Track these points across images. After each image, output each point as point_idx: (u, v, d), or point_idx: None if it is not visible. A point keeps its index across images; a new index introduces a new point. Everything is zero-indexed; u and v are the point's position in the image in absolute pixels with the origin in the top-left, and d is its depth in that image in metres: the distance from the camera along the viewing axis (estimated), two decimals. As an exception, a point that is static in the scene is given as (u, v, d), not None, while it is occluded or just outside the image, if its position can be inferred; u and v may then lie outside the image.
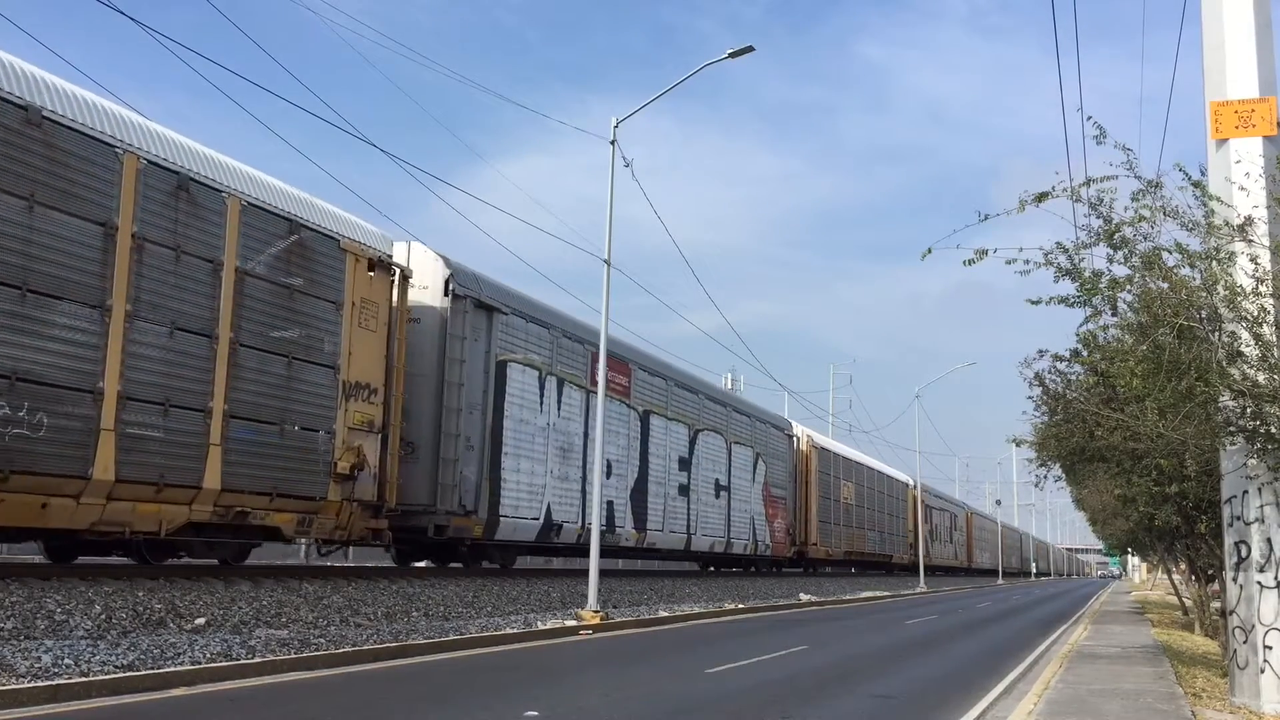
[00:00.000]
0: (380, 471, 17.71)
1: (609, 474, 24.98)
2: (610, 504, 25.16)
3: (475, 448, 20.29)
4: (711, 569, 37.68)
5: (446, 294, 19.89)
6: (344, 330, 16.84)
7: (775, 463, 38.80)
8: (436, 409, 19.63)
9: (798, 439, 43.01)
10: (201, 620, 12.91)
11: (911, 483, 63.14)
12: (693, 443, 30.87)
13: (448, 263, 20.07)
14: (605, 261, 21.13)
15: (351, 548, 25.91)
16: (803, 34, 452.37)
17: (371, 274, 17.62)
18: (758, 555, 36.98)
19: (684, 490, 30.02)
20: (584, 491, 24.06)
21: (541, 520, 22.69)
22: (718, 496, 32.67)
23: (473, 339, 20.34)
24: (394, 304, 18.41)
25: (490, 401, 20.79)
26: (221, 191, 14.77)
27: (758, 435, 37.17)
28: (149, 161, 13.63)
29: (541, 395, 22.88)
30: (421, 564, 23.03)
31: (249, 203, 15.20)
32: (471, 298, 20.33)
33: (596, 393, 21.85)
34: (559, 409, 23.62)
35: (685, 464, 30.27)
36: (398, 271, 18.52)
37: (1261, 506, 10.32)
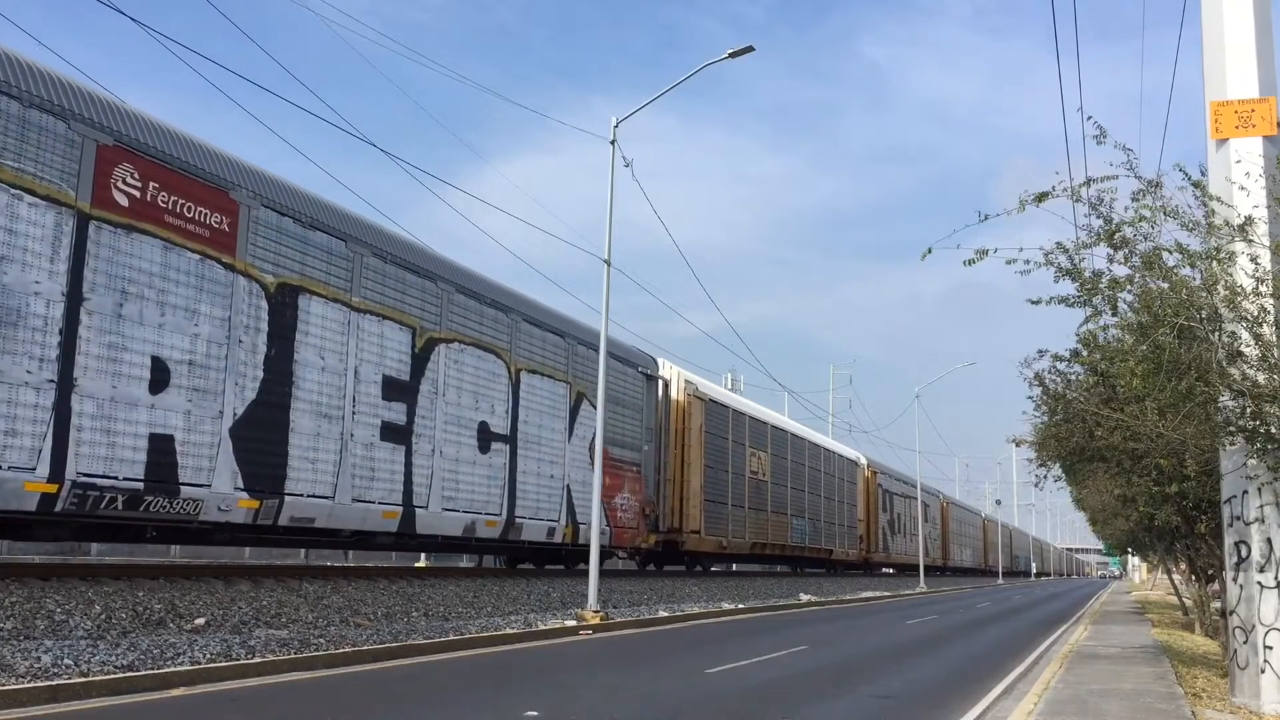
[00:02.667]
0: None
1: (162, 385, 14.07)
2: (162, 442, 13.99)
3: None
4: (527, 565, 26.31)
5: None
6: None
7: (621, 412, 26.67)
8: None
9: (666, 383, 30.34)
10: (201, 620, 12.91)
11: (863, 461, 53.83)
12: (423, 358, 19.27)
13: None
14: (605, 261, 21.14)
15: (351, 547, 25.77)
16: (805, 33, 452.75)
17: None
18: (580, 544, 24.17)
19: (399, 433, 18.47)
20: (58, 409, 12.75)
21: None
22: (485, 450, 20.84)
23: None
24: None
25: None
26: None
27: (582, 367, 24.93)
28: None
29: None
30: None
31: None
32: None
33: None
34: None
35: (405, 391, 18.69)
36: None
37: (1261, 506, 10.31)
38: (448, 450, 19.86)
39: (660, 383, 29.81)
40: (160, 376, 14.13)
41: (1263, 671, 10.16)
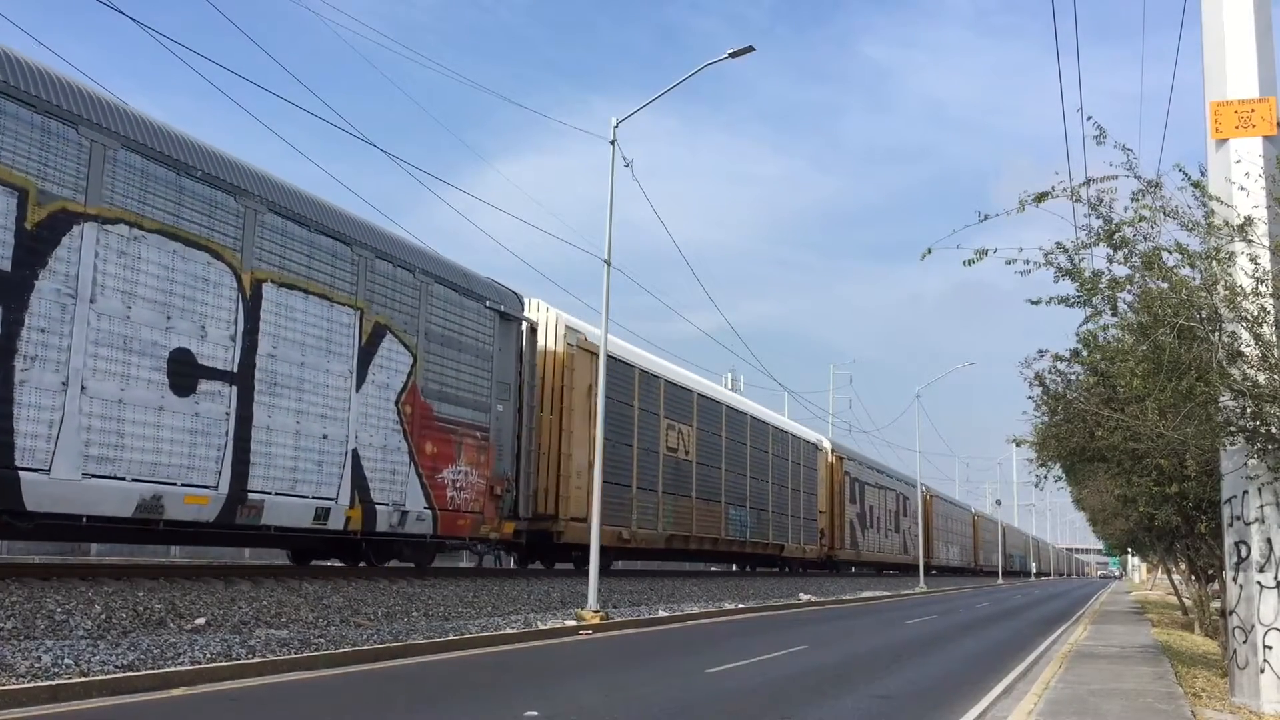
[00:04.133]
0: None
1: None
2: None
3: None
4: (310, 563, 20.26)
5: None
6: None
7: (455, 356, 19.90)
8: None
9: (533, 327, 23.41)
10: (201, 620, 12.92)
11: (827, 445, 47.37)
12: (45, 240, 12.59)
13: None
14: (605, 261, 21.15)
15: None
16: (807, 34, 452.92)
17: None
18: (379, 533, 17.82)
19: None
20: None
21: None
22: (187, 391, 14.25)
23: None
24: None
25: None
26: None
27: (384, 290, 17.92)
28: None
29: None
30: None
31: None
32: None
33: None
34: None
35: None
36: None
37: (1261, 506, 10.32)
38: (102, 385, 13.05)
39: (523, 326, 22.78)
40: None
41: (1262, 671, 10.17)
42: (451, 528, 19.80)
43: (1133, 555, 67.44)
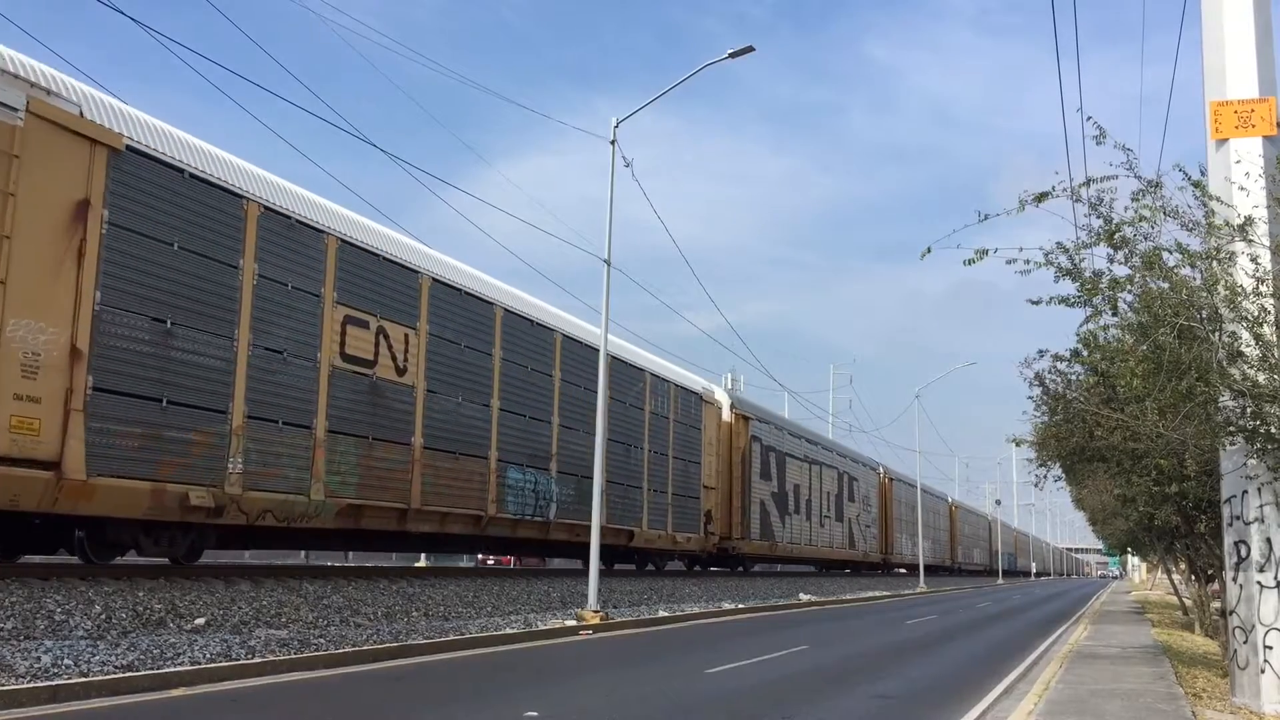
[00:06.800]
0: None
1: None
2: None
3: None
4: None
5: None
6: None
7: None
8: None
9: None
10: (201, 620, 12.92)
11: (721, 398, 35.43)
12: None
13: None
14: (605, 261, 21.16)
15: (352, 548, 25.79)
16: (809, 34, 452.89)
17: None
18: None
19: None
20: None
21: None
22: None
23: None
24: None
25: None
26: None
27: None
28: None
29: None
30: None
31: None
32: None
33: None
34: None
35: None
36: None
37: (1261, 506, 10.32)
38: None
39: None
40: None
41: (1263, 671, 10.16)
42: None
43: (1133, 555, 67.31)
